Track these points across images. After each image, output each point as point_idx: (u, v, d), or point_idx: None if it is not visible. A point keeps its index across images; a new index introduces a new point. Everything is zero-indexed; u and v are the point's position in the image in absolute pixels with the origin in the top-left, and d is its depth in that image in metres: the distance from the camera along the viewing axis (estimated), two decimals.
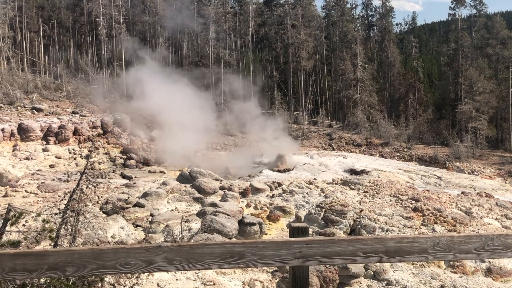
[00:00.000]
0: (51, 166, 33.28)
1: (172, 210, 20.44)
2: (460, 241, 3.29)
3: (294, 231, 3.39)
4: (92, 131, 39.08)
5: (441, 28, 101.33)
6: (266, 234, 18.23)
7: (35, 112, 40.79)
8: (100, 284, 7.01)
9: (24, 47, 57.29)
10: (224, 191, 23.49)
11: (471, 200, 23.05)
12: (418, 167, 38.26)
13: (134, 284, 8.28)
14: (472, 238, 3.31)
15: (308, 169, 32.72)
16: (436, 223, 18.65)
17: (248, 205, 22.00)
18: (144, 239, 16.30)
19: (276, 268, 12.38)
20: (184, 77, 50.84)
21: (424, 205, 20.47)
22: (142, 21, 66.18)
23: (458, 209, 21.05)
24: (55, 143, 36.40)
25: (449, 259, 8.03)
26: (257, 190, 24.24)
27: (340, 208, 19.54)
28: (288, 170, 32.96)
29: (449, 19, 66.14)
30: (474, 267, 14.51)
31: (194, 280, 10.47)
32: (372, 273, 13.31)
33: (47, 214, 8.15)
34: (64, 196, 8.80)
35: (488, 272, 14.37)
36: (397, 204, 21.35)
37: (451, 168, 39.12)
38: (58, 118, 39.11)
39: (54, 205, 8.79)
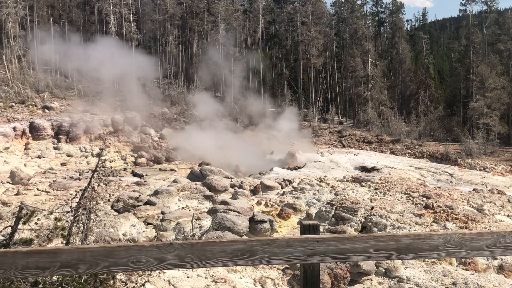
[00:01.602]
0: (62, 164, 33.45)
1: (183, 208, 20.48)
2: (472, 238, 3.28)
3: (305, 229, 3.40)
4: (103, 130, 39.22)
5: (452, 24, 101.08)
6: (277, 231, 18.23)
7: (46, 111, 41.00)
8: (111, 282, 7.05)
9: (35, 46, 57.55)
10: (234, 189, 23.48)
11: (483, 197, 22.94)
12: (429, 164, 38.09)
13: (145, 282, 8.33)
14: (484, 235, 3.30)
15: (319, 166, 32.65)
16: (447, 220, 18.58)
17: (258, 203, 22.00)
18: (155, 236, 16.38)
19: (287, 266, 12.38)
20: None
21: (436, 202, 20.40)
22: (152, 20, 66.31)
23: (470, 206, 20.95)
24: (66, 142, 36.61)
25: (461, 256, 8.00)
26: (267, 188, 24.22)
27: (351, 205, 19.50)
28: (299, 167, 32.91)
29: (460, 15, 65.93)
30: (486, 264, 14.44)
31: (205, 278, 10.50)
32: (384, 270, 13.29)
33: (59, 212, 8.20)
34: (76, 194, 8.86)
35: (500, 269, 14.30)
36: (408, 201, 21.28)
37: (463, 165, 38.94)
38: (69, 116, 39.28)
39: (65, 203, 8.85)
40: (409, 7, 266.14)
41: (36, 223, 12.18)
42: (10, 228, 7.13)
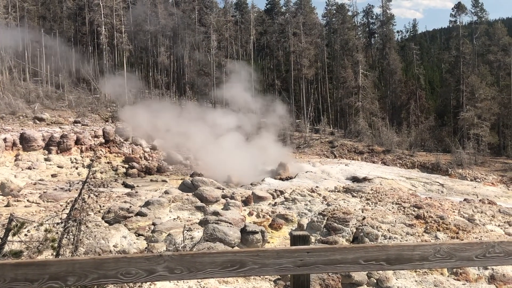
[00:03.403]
0: (53, 175, 33.30)
1: (174, 219, 20.42)
2: (461, 249, 3.28)
3: (295, 240, 3.40)
4: (94, 141, 39.10)
5: (442, 35, 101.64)
6: (269, 242, 18.20)
7: (37, 122, 40.83)
8: None
9: (26, 57, 57.43)
10: (226, 200, 23.45)
11: (474, 207, 23.00)
12: (421, 174, 38.21)
13: None
14: (473, 245, 3.30)
15: (310, 177, 32.68)
16: (438, 230, 18.62)
17: (250, 214, 21.97)
18: (146, 248, 16.32)
19: (279, 277, 12.36)
20: None
21: (427, 212, 20.44)
22: (143, 31, 66.36)
23: (461, 216, 21.00)
24: (57, 153, 36.41)
25: (450, 267, 7.99)
26: (259, 198, 24.21)
27: (343, 216, 19.50)
28: (290, 178, 32.94)
29: (450, 26, 66.22)
30: (477, 274, 14.46)
31: None
32: (375, 281, 13.28)
33: (49, 224, 8.15)
34: (66, 206, 8.83)
35: (491, 279, 14.32)
36: (399, 212, 21.31)
37: (454, 175, 39.05)
38: (60, 127, 39.17)
39: (56, 215, 8.80)
40: (400, 18, 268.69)
41: (26, 235, 12.10)
42: None
